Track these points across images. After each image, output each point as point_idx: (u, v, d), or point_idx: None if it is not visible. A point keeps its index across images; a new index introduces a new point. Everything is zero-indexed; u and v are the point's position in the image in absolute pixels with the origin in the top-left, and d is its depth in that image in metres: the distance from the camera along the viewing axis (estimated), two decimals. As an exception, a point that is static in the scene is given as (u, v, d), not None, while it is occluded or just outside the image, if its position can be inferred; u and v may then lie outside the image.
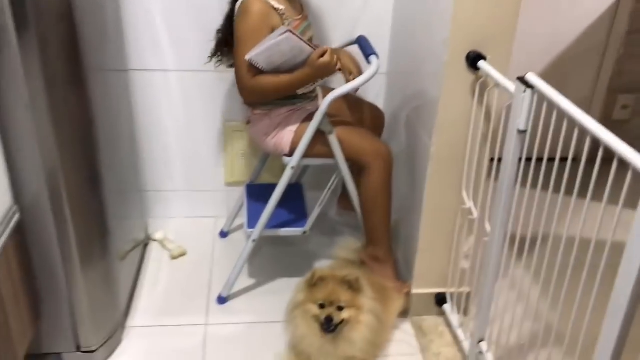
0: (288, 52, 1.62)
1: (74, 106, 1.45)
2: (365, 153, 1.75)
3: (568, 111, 1.12)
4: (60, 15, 1.36)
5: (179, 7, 1.97)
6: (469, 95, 1.55)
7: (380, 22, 2.06)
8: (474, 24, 1.48)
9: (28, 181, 1.38)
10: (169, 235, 2.22)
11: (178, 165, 2.24)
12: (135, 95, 2.08)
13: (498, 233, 1.46)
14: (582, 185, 1.13)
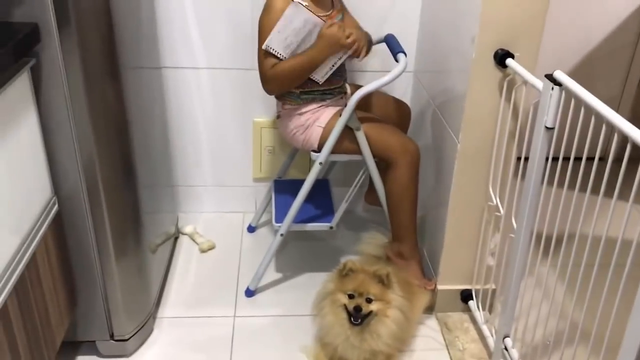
0: (301, 28, 1.65)
1: (110, 101, 1.50)
2: (393, 149, 1.77)
3: (596, 108, 1.13)
4: (99, 13, 1.40)
5: (211, 5, 2.01)
6: (497, 92, 1.56)
7: (407, 20, 2.07)
8: (502, 21, 1.49)
9: (66, 173, 1.43)
10: (199, 229, 2.26)
11: (207, 160, 2.29)
12: (167, 92, 2.13)
13: (524, 231, 1.47)
14: (608, 184, 1.14)
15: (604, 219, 1.14)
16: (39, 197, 1.33)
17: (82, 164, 1.42)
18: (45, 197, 1.36)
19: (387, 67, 1.93)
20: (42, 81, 1.30)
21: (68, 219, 1.48)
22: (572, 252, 1.28)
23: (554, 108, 1.27)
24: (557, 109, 1.27)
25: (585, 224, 1.24)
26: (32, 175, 1.30)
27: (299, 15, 1.65)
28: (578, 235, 1.25)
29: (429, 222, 1.99)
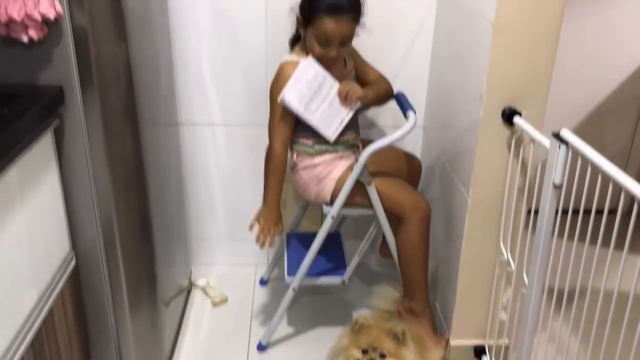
0: (313, 80, 1.72)
1: (129, 158, 1.54)
2: (404, 205, 1.80)
3: (602, 167, 1.15)
4: (120, 75, 1.47)
5: (227, 64, 2.09)
6: (505, 149, 1.59)
7: (417, 77, 2.13)
8: (509, 80, 1.53)
9: (85, 229, 1.46)
10: (211, 282, 2.28)
11: (221, 214, 2.32)
12: (183, 147, 2.18)
13: (536, 286, 1.47)
14: (619, 237, 1.14)
15: (616, 272, 1.14)
16: (57, 253, 1.36)
17: (100, 220, 1.45)
18: (64, 253, 1.39)
19: (398, 122, 1.99)
20: (65, 140, 1.34)
21: (85, 274, 1.50)
22: (585, 306, 1.28)
23: (562, 166, 1.29)
24: (564, 166, 1.30)
25: (597, 278, 1.24)
26: (51, 232, 1.34)
27: (311, 68, 1.73)
28: (590, 289, 1.25)
29: (440, 277, 1.99)
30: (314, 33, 1.70)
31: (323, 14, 1.66)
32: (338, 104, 1.79)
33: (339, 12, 1.65)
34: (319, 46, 1.71)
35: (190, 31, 2.03)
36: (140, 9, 1.64)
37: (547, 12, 1.47)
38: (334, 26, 1.66)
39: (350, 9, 1.68)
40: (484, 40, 1.52)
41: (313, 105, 1.75)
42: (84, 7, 1.22)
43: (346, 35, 1.70)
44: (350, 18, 1.68)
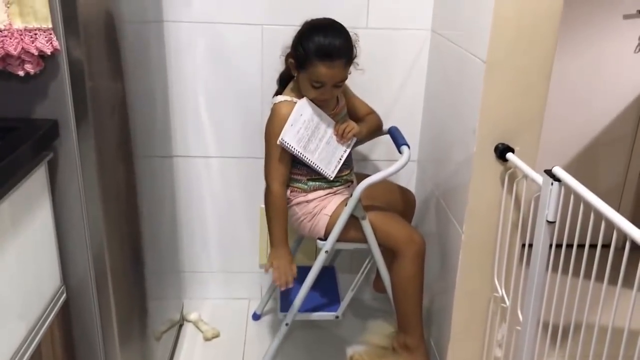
0: (310, 120, 1.74)
1: (122, 190, 1.54)
2: (398, 240, 1.79)
3: (594, 204, 1.15)
4: (115, 108, 1.48)
5: (222, 96, 2.10)
6: (499, 184, 1.60)
7: (411, 112, 2.15)
8: (502, 117, 1.55)
9: (76, 262, 1.44)
10: (203, 316, 2.25)
11: (214, 246, 2.31)
12: (177, 179, 2.18)
13: (531, 322, 1.46)
14: (613, 271, 1.14)
15: (610, 307, 1.13)
16: (47, 287, 1.35)
17: (92, 254, 1.44)
18: (54, 287, 1.38)
19: (392, 156, 2.00)
20: (58, 173, 1.34)
21: (75, 308, 1.48)
22: (580, 342, 1.27)
23: (554, 203, 1.30)
24: (557, 203, 1.30)
25: (592, 313, 1.23)
26: (42, 265, 1.32)
27: (307, 109, 1.74)
28: (584, 325, 1.24)
29: (435, 312, 1.97)
30: (308, 77, 1.72)
31: (317, 60, 1.67)
32: (335, 142, 1.82)
33: (332, 59, 1.67)
34: (313, 90, 1.73)
35: (186, 64, 2.05)
36: (137, 42, 1.66)
37: (539, 51, 1.49)
38: (328, 72, 1.68)
39: (344, 54, 1.70)
40: (477, 77, 1.54)
41: (312, 145, 1.77)
42: (80, 42, 1.23)
43: (339, 79, 1.73)
44: (343, 63, 1.70)
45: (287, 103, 1.76)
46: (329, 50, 1.67)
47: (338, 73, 1.70)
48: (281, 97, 1.79)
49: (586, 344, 1.25)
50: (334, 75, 1.70)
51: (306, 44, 1.69)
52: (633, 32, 2.56)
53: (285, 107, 1.75)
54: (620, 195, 2.81)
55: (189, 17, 1.99)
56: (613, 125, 2.70)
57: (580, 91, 2.63)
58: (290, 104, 1.76)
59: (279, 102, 1.78)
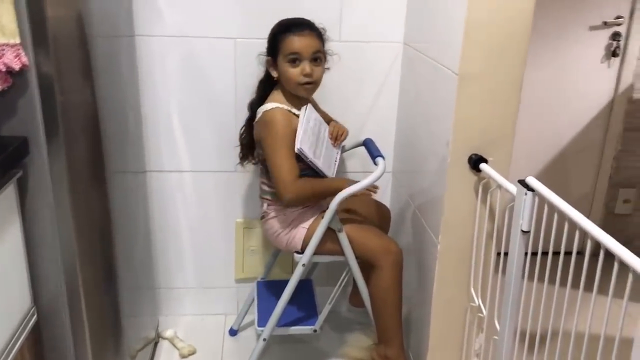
0: (314, 126, 1.79)
1: (94, 207, 1.51)
2: (375, 250, 1.79)
3: (568, 213, 1.17)
4: (87, 124, 1.46)
5: (196, 112, 2.09)
6: (473, 195, 1.61)
7: (385, 124, 2.16)
8: (475, 128, 1.56)
9: (47, 282, 1.41)
10: (179, 333, 2.22)
11: (190, 262, 2.28)
12: (151, 195, 2.15)
13: (507, 331, 1.47)
14: (588, 278, 1.15)
15: (586, 313, 1.15)
16: (17, 309, 1.31)
17: (64, 273, 1.41)
18: (25, 308, 1.34)
19: (367, 168, 2.00)
20: (28, 191, 1.31)
21: (46, 329, 1.44)
22: (557, 350, 1.28)
23: (529, 212, 1.31)
24: (531, 212, 1.31)
25: (569, 320, 1.24)
26: (12, 286, 1.29)
27: (312, 114, 1.80)
28: (561, 331, 1.25)
29: (413, 323, 1.98)
30: (284, 57, 1.75)
31: (287, 33, 1.75)
32: (331, 146, 1.87)
33: (301, 28, 1.75)
34: (292, 67, 1.75)
35: (159, 78, 2.03)
36: (108, 57, 1.64)
37: (511, 62, 1.51)
38: (300, 40, 1.73)
39: (312, 27, 1.77)
40: (450, 89, 1.56)
41: (318, 151, 1.80)
42: (50, 57, 1.21)
43: (315, 49, 1.75)
44: (313, 35, 1.76)
45: (280, 109, 1.77)
46: (297, 21, 1.77)
47: (310, 42, 1.74)
48: (270, 105, 1.79)
49: (563, 351, 1.26)
50: (307, 44, 1.74)
51: (276, 31, 1.79)
52: (599, 42, 2.62)
53: (281, 113, 1.76)
54: (590, 204, 2.86)
55: (160, 31, 1.98)
56: (582, 134, 2.76)
57: (548, 101, 2.68)
58: (282, 110, 1.76)
59: (270, 110, 1.78)
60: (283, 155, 1.73)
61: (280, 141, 1.73)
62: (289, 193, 1.72)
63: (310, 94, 1.83)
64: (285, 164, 1.72)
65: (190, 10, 1.97)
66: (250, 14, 1.99)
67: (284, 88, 1.82)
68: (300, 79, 1.75)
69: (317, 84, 1.80)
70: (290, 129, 1.75)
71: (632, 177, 2.84)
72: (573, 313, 1.20)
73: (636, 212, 2.88)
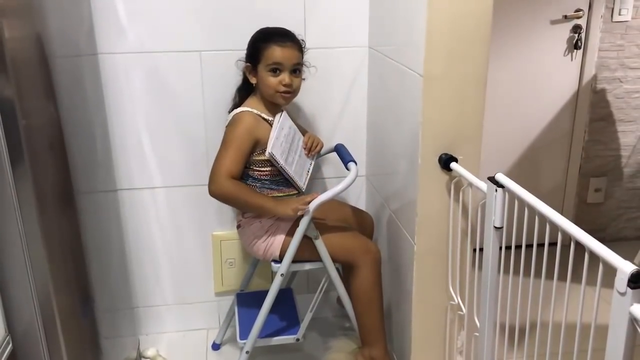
0: (288, 134, 1.80)
1: (65, 229, 1.49)
2: (354, 251, 1.80)
3: (537, 207, 1.18)
4: (52, 146, 1.43)
5: (165, 127, 2.07)
6: (446, 194, 1.62)
7: (355, 129, 2.17)
8: (443, 128, 1.58)
9: (21, 309, 1.38)
10: (161, 351, 2.19)
11: (167, 278, 2.26)
12: (123, 213, 2.13)
13: (488, 326, 1.48)
14: (561, 268, 1.17)
15: (562, 304, 1.16)
16: (-9, 339, 1.28)
17: (37, 299, 1.38)
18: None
19: (340, 173, 2.01)
20: (-5, 219, 1.29)
21: (23, 357, 1.41)
22: (536, 341, 1.29)
23: (500, 208, 1.33)
24: (502, 208, 1.33)
25: (546, 311, 1.26)
26: (-16, 315, 1.26)
27: (287, 122, 1.80)
28: (539, 323, 1.26)
29: (394, 324, 1.98)
30: (264, 65, 1.77)
31: (270, 43, 1.76)
32: (304, 156, 1.88)
33: (283, 40, 1.77)
34: (272, 76, 1.77)
35: (124, 95, 2.01)
36: (71, 76, 1.62)
37: (474, 61, 1.53)
38: (282, 51, 1.76)
39: (293, 39, 1.80)
40: (416, 91, 1.57)
41: (290, 158, 1.80)
42: (9, 80, 1.19)
43: (295, 61, 1.78)
44: (295, 47, 1.78)
45: (249, 113, 1.79)
46: (280, 32, 1.80)
47: (292, 54, 1.77)
48: (242, 108, 1.81)
49: (543, 342, 1.27)
50: (289, 56, 1.76)
51: (258, 39, 1.81)
52: (561, 35, 2.67)
53: (249, 116, 1.78)
54: (563, 194, 2.91)
55: (123, 48, 1.96)
56: (550, 126, 2.80)
57: (515, 96, 2.71)
58: (252, 114, 1.78)
59: (240, 112, 1.80)
60: (230, 153, 1.74)
61: (234, 140, 1.75)
62: (215, 185, 1.73)
63: (288, 102, 1.84)
64: (227, 161, 1.73)
65: (152, 25, 1.96)
66: (215, 26, 1.99)
67: (261, 94, 1.83)
68: (280, 87, 1.77)
69: (295, 93, 1.83)
70: (251, 136, 1.77)
71: (601, 165, 2.89)
72: (549, 304, 1.21)
73: (607, 200, 2.94)
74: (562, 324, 1.16)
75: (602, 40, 2.69)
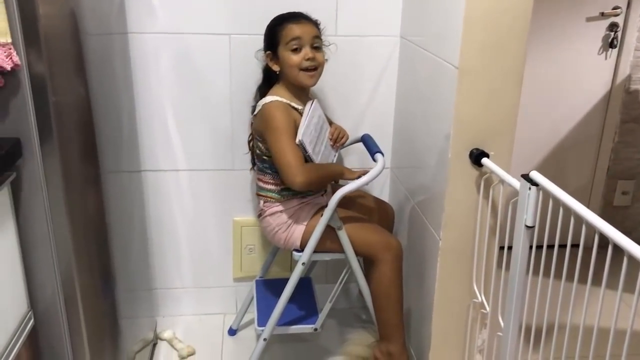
0: (317, 123, 1.78)
1: (89, 207, 1.48)
2: (375, 246, 1.77)
3: (573, 207, 1.15)
4: (81, 123, 1.42)
5: (191, 110, 2.06)
6: (475, 190, 1.59)
7: (383, 119, 2.14)
8: (475, 122, 1.54)
9: (44, 285, 1.38)
10: (178, 333, 2.19)
11: (187, 261, 2.26)
12: (147, 194, 2.13)
13: (512, 327, 1.45)
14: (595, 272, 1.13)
15: (593, 307, 1.13)
16: (14, 314, 1.28)
17: (60, 276, 1.38)
18: (21, 313, 1.31)
19: (366, 164, 1.98)
20: (22, 194, 1.28)
21: (44, 333, 1.42)
22: (564, 344, 1.26)
23: (533, 207, 1.29)
24: (535, 207, 1.30)
25: (575, 314, 1.22)
26: (7, 291, 1.26)
27: (317, 111, 1.80)
28: (569, 326, 1.23)
29: (414, 320, 1.96)
30: (285, 45, 1.76)
31: (286, 23, 1.77)
32: (329, 147, 1.87)
33: (299, 18, 1.78)
34: (294, 54, 1.75)
35: (152, 76, 2.00)
36: (101, 55, 1.61)
37: (511, 55, 1.49)
38: (298, 26, 1.75)
39: (307, 17, 1.79)
40: (449, 83, 1.54)
41: (317, 148, 1.77)
42: (42, 56, 1.18)
43: (313, 34, 1.76)
44: (310, 22, 1.78)
45: (279, 102, 1.76)
46: (292, 14, 1.80)
47: (309, 28, 1.76)
48: (270, 97, 1.78)
49: (571, 345, 1.24)
50: (306, 30, 1.75)
51: (273, 24, 1.81)
52: (596, 33, 2.60)
53: (280, 106, 1.75)
54: (589, 196, 2.85)
55: (154, 28, 1.95)
56: (580, 126, 2.74)
57: (546, 94, 2.66)
58: (282, 102, 1.76)
59: (269, 102, 1.77)
60: (286, 143, 1.71)
61: (282, 130, 1.72)
62: (299, 176, 1.68)
63: (314, 82, 1.80)
64: (289, 150, 1.70)
65: (183, 6, 1.94)
66: (245, 10, 1.96)
67: (286, 82, 1.80)
68: (303, 63, 1.75)
69: (319, 70, 1.79)
70: (291, 120, 1.74)
71: (630, 168, 2.82)
72: (578, 307, 1.18)
73: (635, 204, 2.88)
74: (595, 328, 1.13)
75: (638, 39, 2.62)
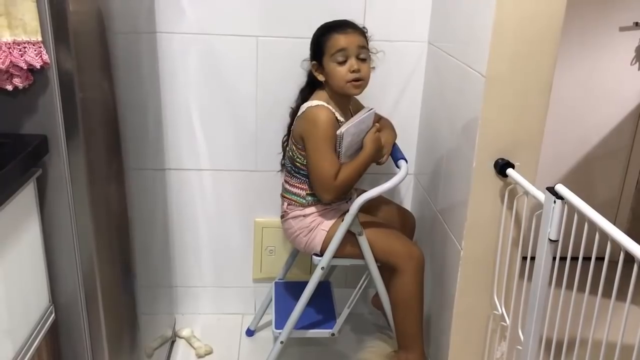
0: (361, 131, 1.75)
1: (113, 204, 1.50)
2: (397, 255, 1.76)
3: (599, 223, 1.13)
4: (107, 120, 1.44)
5: (217, 110, 2.07)
6: (498, 200, 1.57)
7: (408, 125, 2.12)
8: (502, 132, 1.52)
9: (65, 280, 1.40)
10: (196, 332, 2.21)
11: (207, 261, 2.27)
12: (169, 193, 2.14)
13: (532, 342, 1.43)
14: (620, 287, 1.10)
15: (616, 323, 1.10)
16: (36, 307, 1.30)
17: (82, 272, 1.40)
18: (43, 307, 1.33)
19: (389, 170, 1.97)
20: (47, 189, 1.30)
21: (64, 327, 1.43)
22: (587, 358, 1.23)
23: (557, 221, 1.27)
24: (560, 221, 1.27)
25: (598, 329, 1.20)
26: (30, 285, 1.28)
27: (369, 120, 1.76)
28: (591, 341, 1.20)
29: (433, 330, 1.94)
30: (330, 56, 1.73)
31: (332, 33, 1.74)
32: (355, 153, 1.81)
33: (345, 28, 1.74)
34: (339, 66, 1.73)
35: (179, 76, 2.02)
36: (129, 53, 1.63)
37: (540, 65, 1.47)
38: (344, 37, 1.72)
39: (354, 26, 1.76)
40: (476, 92, 1.52)
41: (349, 152, 1.75)
42: (71, 54, 1.20)
43: (360, 44, 1.73)
44: (356, 32, 1.75)
45: (325, 108, 1.74)
46: (339, 22, 1.77)
47: (355, 38, 1.73)
48: (316, 102, 1.76)
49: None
50: (352, 40, 1.72)
51: (319, 34, 1.78)
52: (629, 44, 2.55)
53: (326, 112, 1.73)
54: (616, 209, 2.80)
55: (182, 29, 1.96)
56: (609, 138, 2.69)
57: (576, 104, 2.61)
58: (328, 109, 1.73)
59: (315, 106, 1.75)
60: (325, 151, 1.70)
61: (325, 140, 1.71)
62: (328, 193, 1.72)
63: (360, 91, 1.79)
64: (327, 160, 1.70)
65: (212, 7, 1.95)
66: (273, 12, 1.97)
67: (330, 91, 1.79)
68: (349, 76, 1.72)
69: (366, 80, 1.77)
70: (334, 131, 1.72)
71: (660, 182, 2.76)
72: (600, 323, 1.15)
73: (664, 219, 2.81)
74: (618, 345, 1.10)
75: (673, 51, 2.56)
